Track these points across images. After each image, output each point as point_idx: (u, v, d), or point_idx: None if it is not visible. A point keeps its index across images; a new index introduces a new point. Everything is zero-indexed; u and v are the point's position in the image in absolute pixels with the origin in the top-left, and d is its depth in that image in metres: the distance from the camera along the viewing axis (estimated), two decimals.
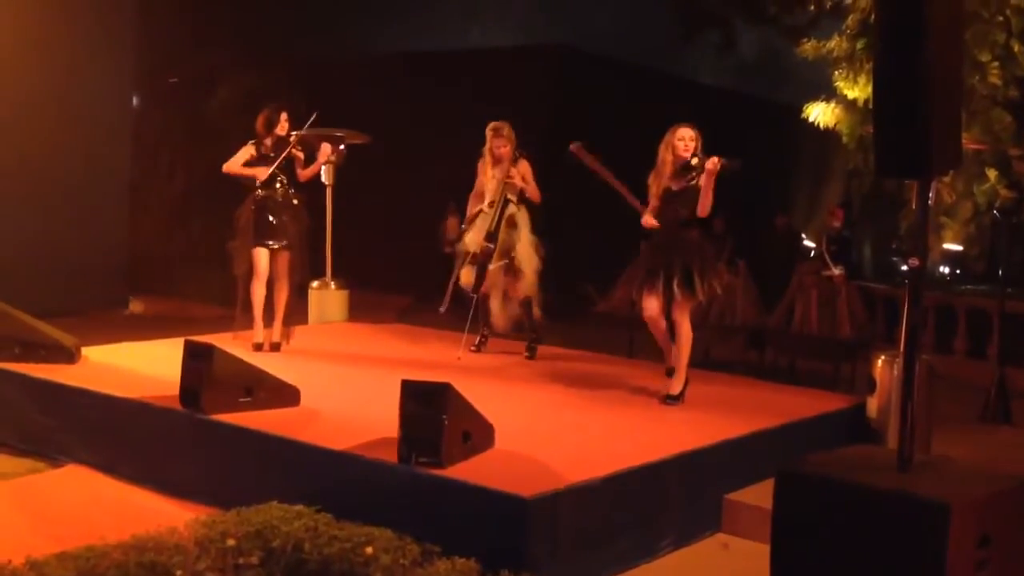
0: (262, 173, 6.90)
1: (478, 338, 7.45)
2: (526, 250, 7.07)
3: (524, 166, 7.05)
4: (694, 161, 5.60)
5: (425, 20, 20.70)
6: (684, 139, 5.69)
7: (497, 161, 7.08)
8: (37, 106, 10.64)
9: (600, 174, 5.95)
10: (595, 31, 19.95)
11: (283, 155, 6.91)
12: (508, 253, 7.02)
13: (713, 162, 5.57)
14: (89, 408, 5.62)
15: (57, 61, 10.85)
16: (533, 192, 7.06)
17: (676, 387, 5.82)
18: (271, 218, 6.92)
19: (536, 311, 7.21)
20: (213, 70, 15.51)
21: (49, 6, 10.73)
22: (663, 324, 5.87)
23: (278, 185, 6.96)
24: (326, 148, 7.23)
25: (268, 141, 6.98)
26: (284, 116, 7.02)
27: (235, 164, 6.95)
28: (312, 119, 7.20)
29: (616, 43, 17.35)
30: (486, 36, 22.26)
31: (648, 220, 5.78)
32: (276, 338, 7.12)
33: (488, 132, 7.11)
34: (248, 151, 6.99)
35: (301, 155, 7.11)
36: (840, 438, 5.55)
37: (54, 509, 4.93)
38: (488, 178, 7.12)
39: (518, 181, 6.96)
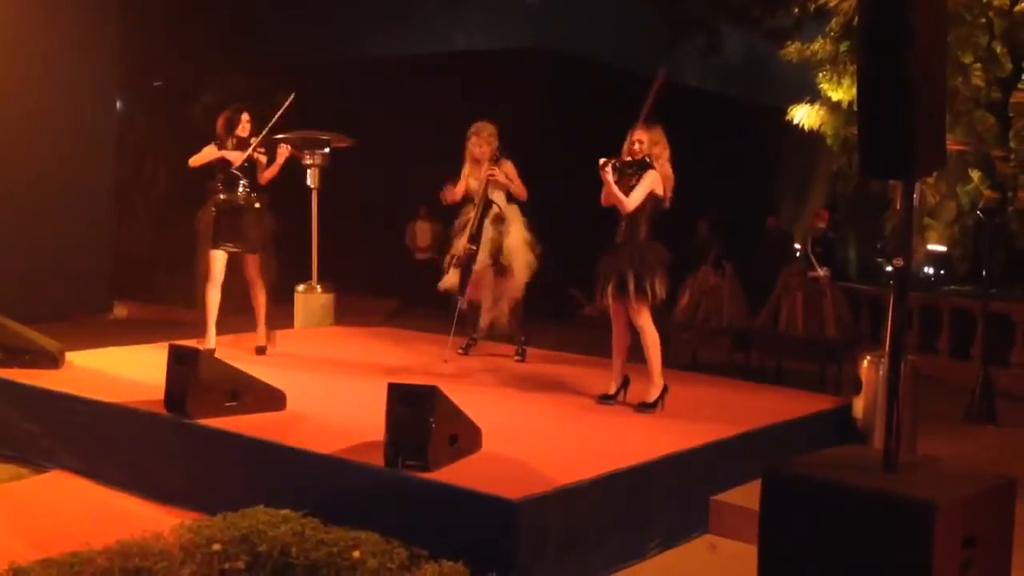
0: (236, 158, 6.76)
1: (466, 341, 7.43)
2: (516, 247, 6.97)
3: (508, 166, 7.01)
4: (602, 161, 5.63)
5: (411, 24, 20.69)
6: (635, 141, 5.70)
7: (476, 162, 7.06)
8: (19, 111, 10.58)
9: None
10: (581, 36, 19.98)
11: (259, 140, 6.80)
12: (496, 252, 6.96)
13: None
14: (74, 413, 5.59)
15: (39, 66, 10.79)
16: (518, 189, 7.00)
17: (651, 394, 5.73)
18: (232, 222, 6.80)
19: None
20: (198, 74, 15.45)
21: (30, 10, 10.68)
22: (622, 332, 5.82)
23: (240, 188, 6.85)
24: (284, 149, 7.13)
25: (229, 143, 6.85)
26: (246, 117, 6.90)
27: (201, 155, 6.80)
28: (286, 106, 6.98)
29: (601, 47, 17.39)
30: (471, 40, 22.26)
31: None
32: (261, 342, 7.07)
33: (470, 131, 7.09)
34: (211, 151, 6.84)
35: (264, 158, 6.96)
36: (826, 439, 5.57)
37: (38, 515, 4.90)
38: (469, 180, 7.10)
39: (500, 177, 6.93)
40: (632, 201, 5.63)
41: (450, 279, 7.09)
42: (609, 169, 5.63)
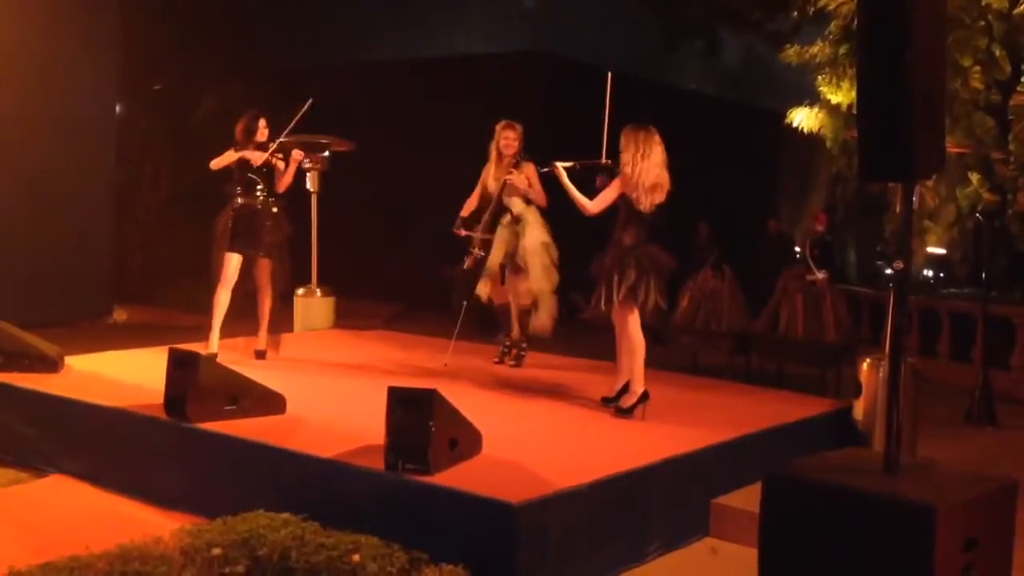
0: (257, 158, 6.78)
1: (501, 349, 7.24)
2: (532, 249, 6.81)
3: (529, 169, 6.83)
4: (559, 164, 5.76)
5: (410, 28, 20.71)
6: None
7: (501, 157, 6.88)
8: (20, 115, 10.58)
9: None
10: (580, 40, 20.01)
11: (277, 143, 6.81)
12: (511, 255, 6.84)
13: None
14: (73, 418, 5.59)
15: (40, 69, 10.80)
16: (538, 195, 6.86)
17: (627, 400, 5.64)
18: (249, 226, 6.81)
19: (542, 322, 6.84)
20: (198, 78, 15.47)
21: (31, 14, 10.68)
22: (619, 334, 5.77)
23: (258, 193, 6.87)
24: (297, 154, 7.12)
25: (248, 149, 6.86)
26: (263, 123, 6.92)
27: (222, 158, 6.83)
28: (306, 108, 6.92)
29: (601, 51, 17.40)
30: (471, 44, 22.28)
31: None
32: (261, 346, 7.06)
33: (498, 127, 6.90)
34: (231, 154, 6.86)
35: (282, 164, 6.96)
36: (827, 442, 5.56)
37: (38, 519, 4.89)
38: (491, 177, 6.94)
39: (517, 181, 6.78)
40: (593, 206, 5.65)
41: (483, 287, 6.91)
42: (561, 171, 5.70)
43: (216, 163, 6.87)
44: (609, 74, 5.83)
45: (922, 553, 3.20)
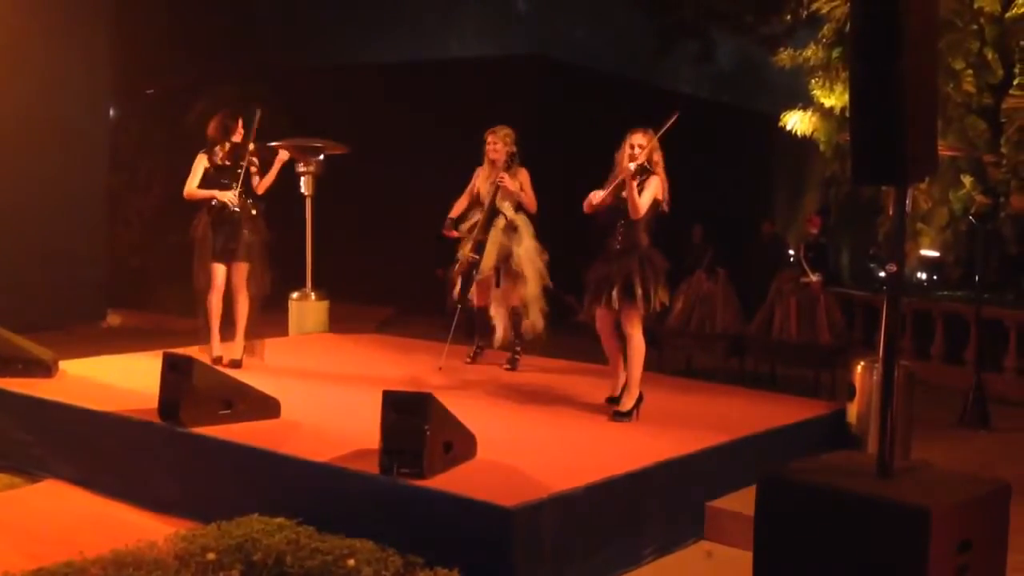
0: (229, 199, 6.65)
1: (473, 348, 7.32)
2: (526, 256, 6.87)
3: (523, 174, 6.86)
4: (633, 167, 5.57)
5: (405, 31, 20.72)
6: (634, 145, 5.66)
7: (492, 164, 6.89)
8: (13, 119, 10.57)
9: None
10: (574, 42, 20.03)
11: (242, 174, 6.67)
12: (506, 259, 6.85)
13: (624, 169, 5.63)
14: (67, 422, 5.57)
15: (33, 74, 10.79)
16: (529, 200, 6.88)
17: (627, 403, 5.66)
18: (228, 231, 6.70)
19: (533, 322, 6.98)
20: (192, 81, 15.44)
21: (24, 17, 10.67)
22: (612, 339, 5.76)
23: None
24: (283, 154, 7.00)
25: (222, 149, 6.74)
26: (241, 123, 6.79)
27: (192, 186, 6.70)
28: (257, 118, 6.80)
29: (594, 54, 17.43)
30: (465, 47, 22.30)
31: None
32: (236, 355, 6.81)
33: (486, 135, 6.93)
34: (202, 163, 6.72)
35: (255, 167, 6.85)
36: (821, 444, 5.57)
37: (32, 525, 4.88)
38: (482, 182, 6.96)
39: (510, 184, 6.79)
40: (644, 207, 5.57)
41: (475, 290, 6.97)
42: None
43: (190, 195, 6.72)
44: (676, 115, 5.67)
45: (916, 555, 3.21)
